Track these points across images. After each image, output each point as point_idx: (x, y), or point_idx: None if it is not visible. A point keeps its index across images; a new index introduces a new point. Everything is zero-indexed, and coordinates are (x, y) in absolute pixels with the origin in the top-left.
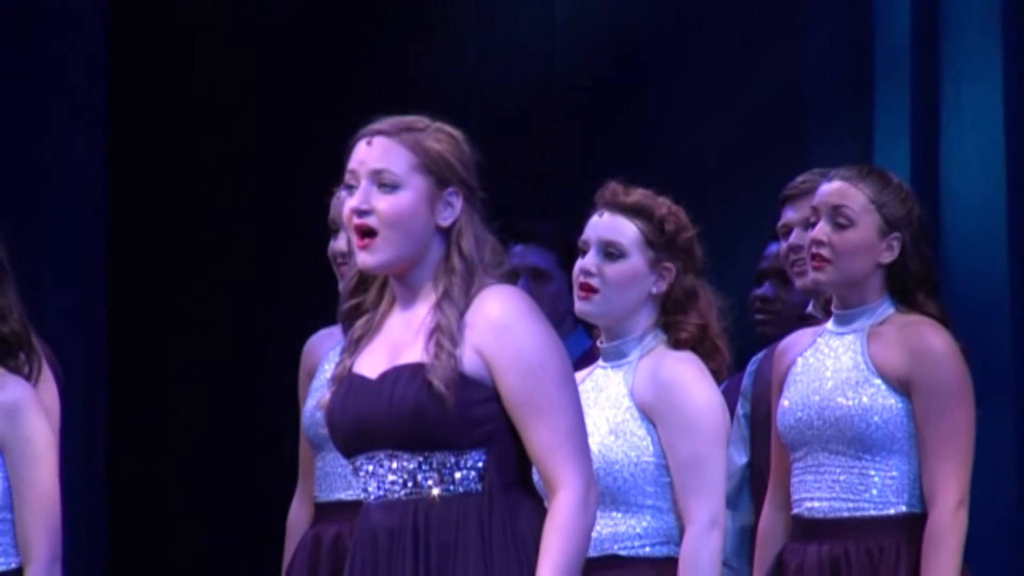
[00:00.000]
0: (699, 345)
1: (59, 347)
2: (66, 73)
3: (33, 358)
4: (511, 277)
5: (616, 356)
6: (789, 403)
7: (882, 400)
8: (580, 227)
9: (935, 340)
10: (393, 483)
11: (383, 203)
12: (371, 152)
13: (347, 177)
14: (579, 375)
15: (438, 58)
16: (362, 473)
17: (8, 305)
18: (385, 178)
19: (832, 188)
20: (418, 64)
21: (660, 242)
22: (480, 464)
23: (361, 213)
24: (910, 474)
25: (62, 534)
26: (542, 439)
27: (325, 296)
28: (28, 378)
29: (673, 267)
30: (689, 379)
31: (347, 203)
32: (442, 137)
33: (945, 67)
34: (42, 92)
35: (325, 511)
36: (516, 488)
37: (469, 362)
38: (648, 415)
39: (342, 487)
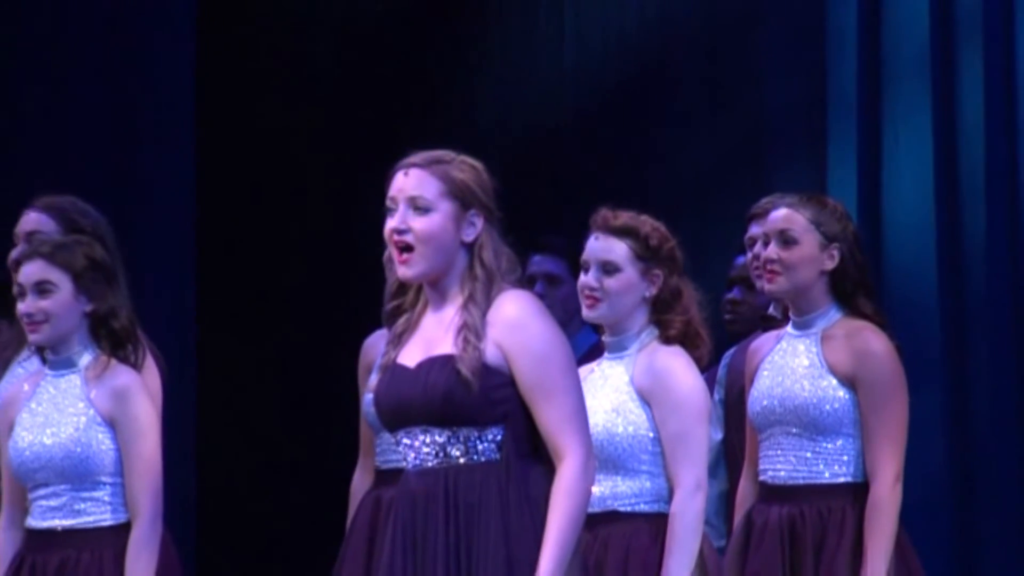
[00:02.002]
0: (685, 338)
1: (156, 341)
2: (159, 98)
3: (139, 349)
4: (526, 282)
5: (618, 349)
6: (757, 393)
7: (832, 392)
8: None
9: (876, 343)
10: (427, 454)
11: (418, 223)
12: (407, 181)
13: (388, 202)
14: (588, 366)
15: (469, 97)
16: (402, 445)
17: (119, 304)
18: (419, 203)
19: (779, 215)
20: (453, 102)
21: (647, 254)
22: (499, 438)
23: (400, 232)
24: (854, 451)
25: (162, 496)
26: (550, 417)
27: (377, 301)
28: (135, 366)
29: (660, 273)
30: (678, 369)
31: (387, 224)
32: (466, 168)
33: (885, 112)
34: (136, 116)
35: (383, 477)
36: (529, 458)
37: (490, 354)
38: (644, 398)
39: (397, 457)
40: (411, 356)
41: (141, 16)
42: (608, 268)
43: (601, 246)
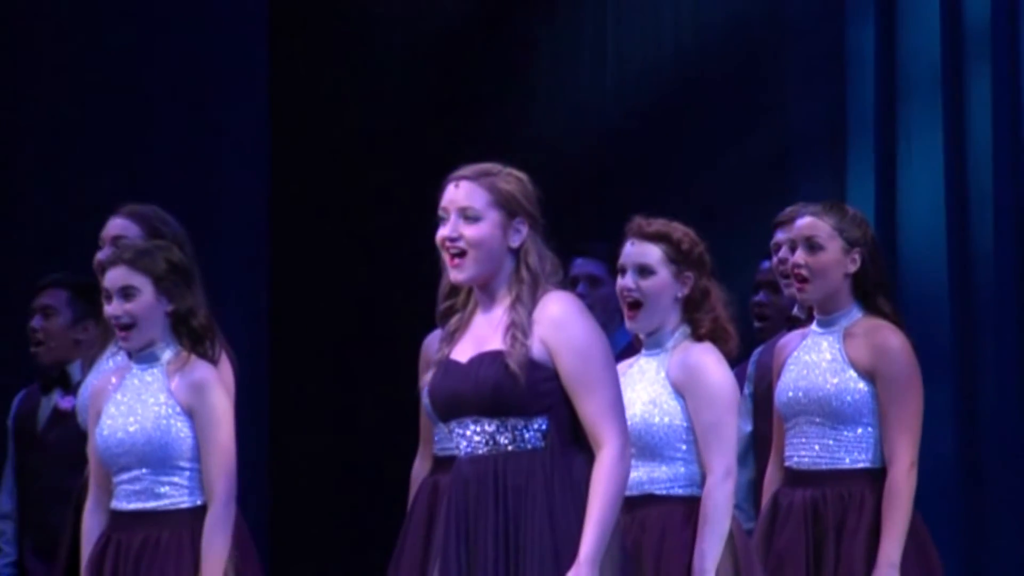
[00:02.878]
0: (714, 335)
1: (231, 338)
2: (234, 118)
3: (216, 346)
4: (569, 283)
5: (655, 346)
6: (784, 386)
7: (853, 385)
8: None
9: (894, 340)
10: (478, 442)
11: (468, 231)
12: (458, 193)
13: (440, 211)
14: (628, 361)
15: (522, 116)
16: (455, 434)
17: (197, 304)
18: (469, 213)
19: (804, 222)
20: (507, 120)
21: (679, 258)
22: (544, 427)
23: (452, 240)
24: (873, 439)
25: (236, 480)
26: (590, 408)
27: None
28: (211, 361)
29: (691, 275)
30: (709, 364)
31: (440, 232)
32: (511, 179)
33: (900, 128)
34: (214, 134)
35: (440, 464)
36: (571, 445)
37: (536, 349)
38: (679, 391)
39: (453, 446)
40: (463, 352)
41: (217, 35)
42: (644, 271)
43: (637, 251)
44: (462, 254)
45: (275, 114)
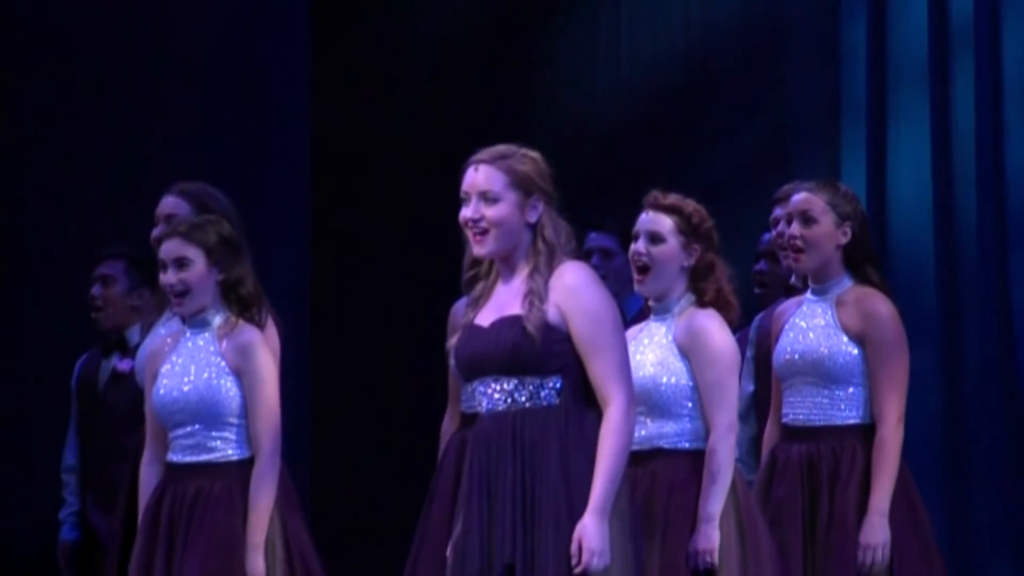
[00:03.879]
0: (717, 304)
1: (276, 304)
2: (276, 139)
3: (262, 312)
4: (584, 256)
5: (662, 312)
6: (781, 349)
7: (844, 348)
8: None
9: (882, 307)
10: (498, 399)
11: (489, 212)
12: (478, 177)
13: (462, 194)
14: (638, 326)
15: (542, 104)
16: (476, 393)
17: (245, 274)
18: (489, 195)
19: (800, 197)
20: (530, 107)
21: (688, 230)
22: (558, 385)
23: (475, 221)
24: (863, 397)
25: (281, 435)
26: (599, 368)
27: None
28: (258, 326)
29: (698, 247)
30: (712, 329)
31: (463, 212)
32: (526, 160)
33: (890, 114)
34: (258, 159)
35: (467, 420)
36: (583, 403)
37: (551, 314)
38: (684, 353)
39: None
40: (486, 317)
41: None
42: (655, 238)
43: (650, 219)
44: (484, 232)
45: (316, 88)
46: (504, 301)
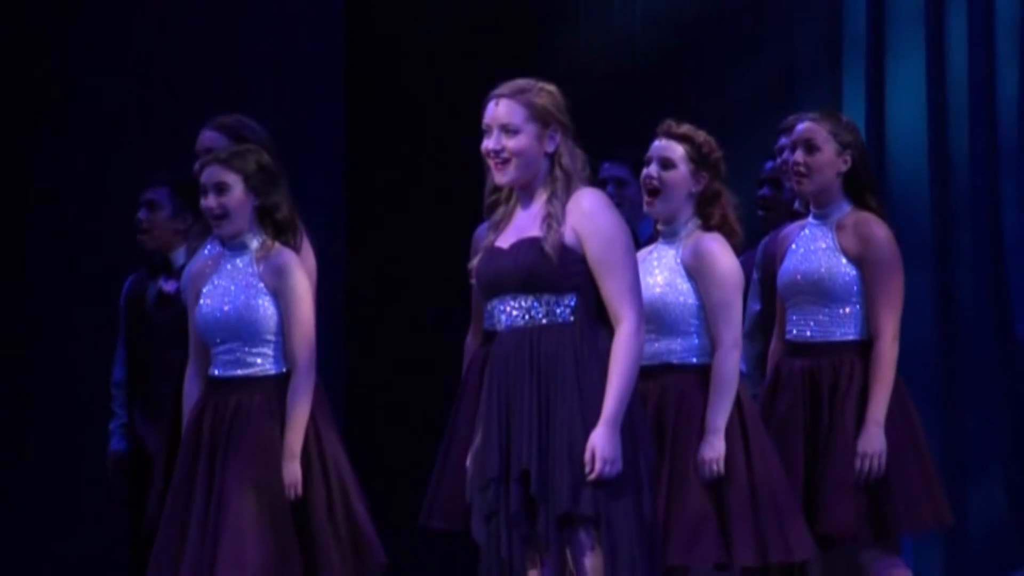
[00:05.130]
0: (722, 229)
1: (313, 228)
2: (311, 130)
3: (298, 235)
4: (599, 184)
5: (670, 236)
6: (785, 270)
7: (843, 269)
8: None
9: (879, 231)
10: (516, 316)
11: (510, 143)
12: (499, 110)
13: (484, 127)
14: (647, 249)
15: (564, 40)
16: (496, 310)
17: (282, 199)
18: (509, 127)
19: (803, 127)
20: (551, 43)
21: (698, 158)
22: (573, 303)
23: (496, 152)
24: (860, 316)
25: (315, 350)
26: (611, 288)
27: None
28: (294, 249)
29: (706, 175)
30: (717, 251)
31: (484, 144)
32: (544, 93)
33: (888, 49)
34: (292, 150)
35: (489, 337)
36: (596, 321)
37: (568, 236)
38: (690, 274)
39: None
40: (506, 240)
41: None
42: (666, 164)
43: (663, 145)
44: (505, 162)
45: (349, 47)
46: (523, 225)
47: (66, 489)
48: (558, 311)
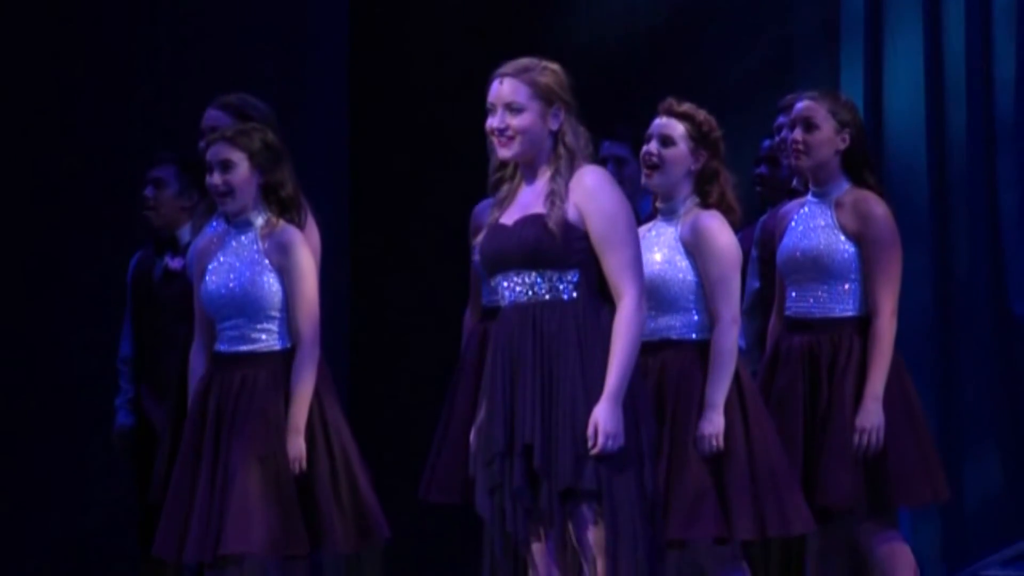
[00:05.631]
0: (720, 206)
1: (317, 204)
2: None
3: (302, 213)
4: (600, 162)
5: (669, 213)
6: (784, 247)
7: (842, 246)
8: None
9: (877, 208)
10: (520, 292)
11: (514, 121)
12: (503, 89)
13: (488, 105)
14: (647, 225)
15: (567, 21)
16: (500, 287)
17: (286, 177)
18: (514, 106)
19: (803, 105)
20: (554, 24)
21: (698, 136)
22: (575, 279)
23: (501, 131)
24: (859, 292)
25: (319, 327)
26: (613, 264)
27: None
28: (298, 226)
29: (705, 153)
30: (715, 228)
31: (489, 122)
32: (547, 72)
33: (886, 28)
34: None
35: (488, 313)
36: (598, 297)
37: (571, 213)
38: (689, 251)
39: (498, 298)
40: (510, 216)
41: None
42: (666, 141)
43: (663, 123)
44: (510, 139)
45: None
46: (527, 202)
47: (72, 463)
48: (561, 287)
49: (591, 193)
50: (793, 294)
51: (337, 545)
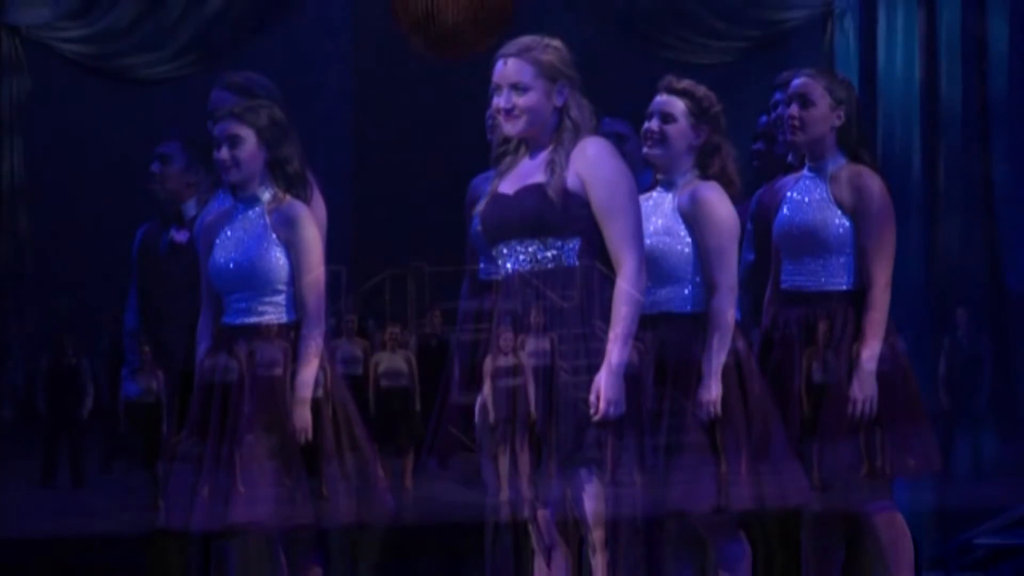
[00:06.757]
0: (720, 178)
1: (320, 180)
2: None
3: (308, 188)
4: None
5: (668, 185)
6: (780, 221)
7: (837, 221)
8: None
9: (872, 184)
10: (523, 260)
11: (520, 101)
12: (507, 70)
13: (493, 86)
14: (647, 194)
15: (572, 3)
16: (502, 256)
17: (292, 153)
18: (519, 86)
19: (799, 82)
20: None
21: (698, 112)
22: (577, 247)
23: (508, 110)
24: (853, 266)
25: (324, 300)
26: (614, 232)
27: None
28: (304, 201)
29: (706, 128)
30: (714, 198)
31: (495, 101)
32: (550, 49)
33: (880, 4)
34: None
35: (484, 287)
36: (601, 265)
37: (571, 182)
38: (688, 221)
39: (493, 269)
40: (510, 186)
41: None
42: (667, 118)
43: (664, 101)
44: (517, 117)
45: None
46: (528, 172)
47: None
48: (563, 255)
49: (593, 162)
50: (788, 267)
51: (341, 517)
